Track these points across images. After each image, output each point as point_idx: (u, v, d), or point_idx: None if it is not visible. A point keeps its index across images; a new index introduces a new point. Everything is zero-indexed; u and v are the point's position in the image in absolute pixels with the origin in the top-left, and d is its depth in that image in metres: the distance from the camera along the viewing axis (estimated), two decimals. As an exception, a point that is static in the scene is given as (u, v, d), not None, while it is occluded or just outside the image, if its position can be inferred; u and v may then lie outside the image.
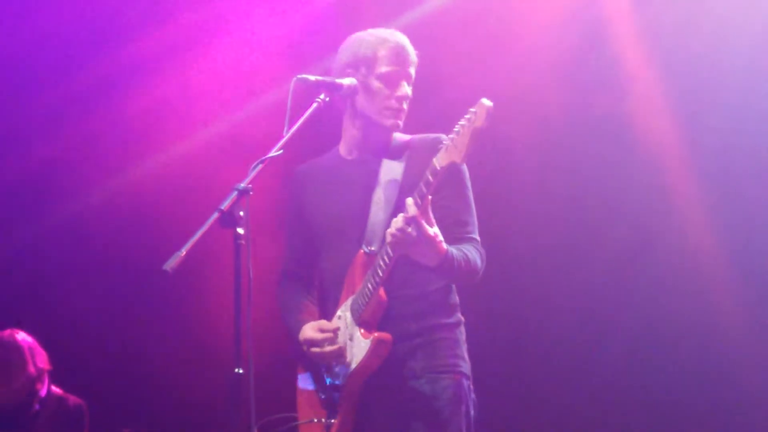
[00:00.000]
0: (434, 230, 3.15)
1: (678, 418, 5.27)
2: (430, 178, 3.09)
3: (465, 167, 3.45)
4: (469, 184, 3.48)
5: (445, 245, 3.19)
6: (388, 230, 3.14)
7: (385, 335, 3.30)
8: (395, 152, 3.49)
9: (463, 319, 3.52)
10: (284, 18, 5.85)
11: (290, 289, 3.67)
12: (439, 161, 3.07)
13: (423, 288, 3.41)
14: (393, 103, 3.43)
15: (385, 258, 3.22)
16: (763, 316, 5.20)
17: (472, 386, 3.46)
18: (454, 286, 3.52)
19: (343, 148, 3.60)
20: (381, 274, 3.25)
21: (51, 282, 6.13)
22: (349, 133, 3.56)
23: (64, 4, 5.88)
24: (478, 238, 3.44)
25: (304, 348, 3.43)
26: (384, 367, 3.33)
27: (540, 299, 5.56)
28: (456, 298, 3.52)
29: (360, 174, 3.51)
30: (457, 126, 3.03)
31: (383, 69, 3.44)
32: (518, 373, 5.55)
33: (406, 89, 3.46)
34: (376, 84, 3.43)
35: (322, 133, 3.67)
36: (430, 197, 3.12)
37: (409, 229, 3.08)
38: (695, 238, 5.30)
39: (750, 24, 5.24)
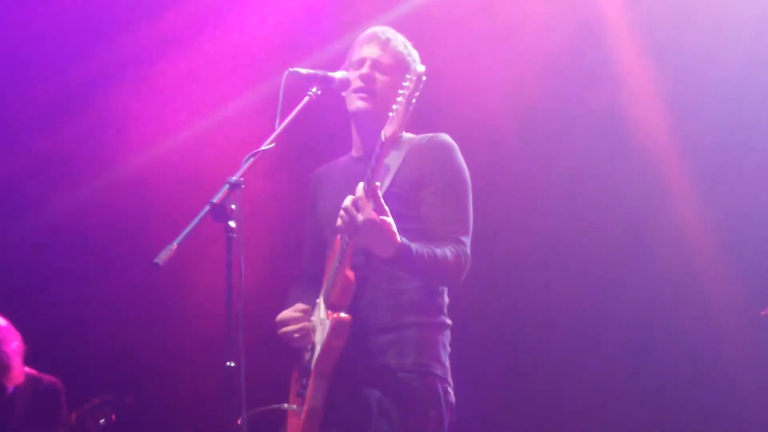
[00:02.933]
0: (386, 219, 3.08)
1: (672, 413, 5.28)
2: (378, 149, 3.07)
3: (464, 167, 3.41)
4: (463, 186, 3.39)
5: (399, 238, 3.11)
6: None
7: (344, 317, 3.21)
8: (395, 150, 3.42)
9: (449, 322, 3.42)
10: (276, 11, 5.84)
11: (299, 288, 3.64)
12: (384, 132, 3.07)
13: (407, 284, 3.32)
14: (357, 83, 3.42)
15: (346, 238, 3.18)
16: (757, 310, 5.21)
17: (449, 389, 3.35)
18: (444, 290, 3.43)
19: (353, 148, 3.62)
20: (341, 255, 3.20)
21: (44, 275, 6.13)
22: (352, 132, 3.59)
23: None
24: (464, 239, 3.31)
25: (278, 331, 3.40)
26: (358, 361, 3.27)
27: (533, 294, 5.56)
28: (444, 300, 3.43)
29: (360, 173, 3.44)
30: (399, 95, 3.06)
31: (354, 57, 3.48)
32: (512, 371, 5.55)
33: (365, 69, 3.41)
34: (351, 73, 3.45)
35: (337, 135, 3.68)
36: (378, 183, 3.07)
37: (354, 212, 3.05)
38: (689, 232, 5.32)
39: (744, 17, 5.25)
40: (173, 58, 5.94)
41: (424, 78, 3.03)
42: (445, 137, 3.42)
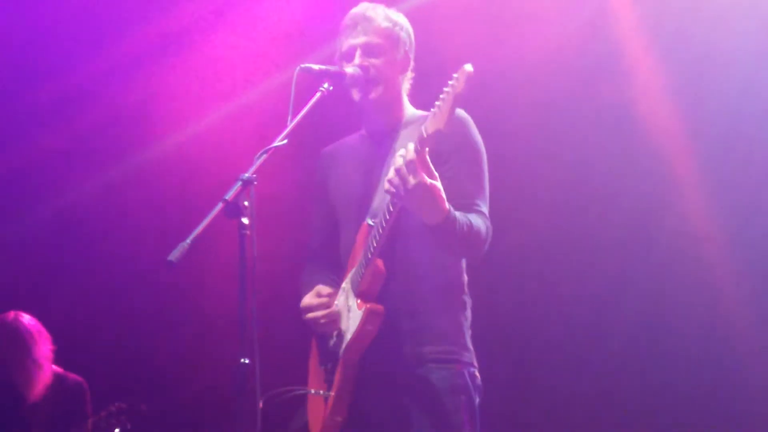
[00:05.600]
0: (437, 183, 3.03)
1: (679, 409, 5.27)
2: (418, 145, 3.01)
3: (480, 144, 3.40)
4: (482, 160, 3.38)
5: (448, 204, 3.07)
6: (387, 177, 3.03)
7: (377, 306, 3.22)
8: (407, 127, 3.42)
9: (469, 301, 3.42)
10: (285, 5, 5.83)
11: (311, 270, 3.62)
12: (426, 129, 2.99)
13: (425, 268, 3.31)
14: (354, 75, 3.38)
15: (383, 222, 3.15)
16: (765, 304, 5.21)
17: (476, 373, 3.36)
18: (463, 267, 3.41)
19: (363, 128, 3.60)
20: (376, 242, 3.18)
21: (55, 273, 6.12)
22: (361, 114, 3.56)
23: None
24: (485, 210, 3.32)
25: (303, 316, 3.39)
26: (383, 353, 3.27)
27: (541, 288, 5.56)
28: (464, 279, 3.42)
29: (372, 152, 3.47)
30: (442, 93, 2.99)
31: (342, 48, 3.46)
32: (519, 364, 5.55)
33: (356, 60, 3.38)
34: (345, 65, 3.42)
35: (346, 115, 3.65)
36: (427, 149, 2.99)
37: (409, 176, 2.97)
38: (697, 226, 5.31)
39: (752, 12, 5.23)
40: (182, 54, 5.93)
41: (472, 77, 2.92)
42: (459, 111, 3.35)
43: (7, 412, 5.04)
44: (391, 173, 3.02)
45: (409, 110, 3.52)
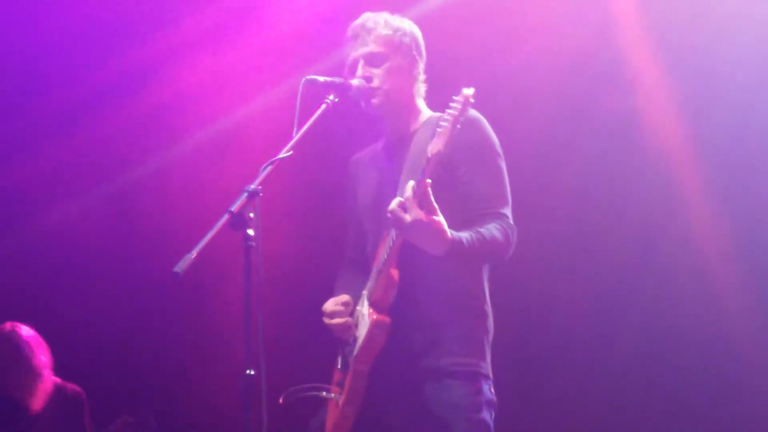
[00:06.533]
0: (435, 217, 3.07)
1: (683, 415, 5.27)
2: (423, 164, 3.06)
3: (494, 140, 3.39)
4: (498, 159, 3.37)
5: (450, 233, 3.10)
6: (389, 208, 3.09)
7: (384, 318, 3.21)
8: (423, 132, 3.40)
9: (489, 311, 3.39)
10: (291, 15, 5.83)
11: (343, 275, 3.64)
12: (431, 149, 3.05)
13: (435, 278, 3.29)
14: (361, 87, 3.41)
15: (393, 236, 3.17)
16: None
17: (491, 387, 3.34)
18: (484, 275, 3.39)
19: (383, 135, 3.61)
20: (387, 254, 3.19)
21: (60, 284, 6.09)
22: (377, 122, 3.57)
23: (70, 6, 5.86)
24: (507, 212, 3.32)
25: (323, 320, 3.39)
26: (400, 365, 3.26)
27: (546, 297, 5.54)
28: (486, 288, 3.40)
29: (388, 159, 3.49)
30: (446, 114, 3.05)
31: (348, 61, 3.48)
32: (524, 372, 5.53)
33: (359, 71, 3.41)
34: (353, 78, 3.43)
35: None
36: (429, 181, 3.04)
37: (401, 213, 3.04)
38: (702, 235, 5.30)
39: (755, 20, 5.23)
40: (187, 65, 5.92)
41: (472, 100, 3.03)
42: (472, 112, 3.32)
43: (8, 425, 5.03)
44: (393, 204, 3.07)
45: (425, 114, 3.52)
